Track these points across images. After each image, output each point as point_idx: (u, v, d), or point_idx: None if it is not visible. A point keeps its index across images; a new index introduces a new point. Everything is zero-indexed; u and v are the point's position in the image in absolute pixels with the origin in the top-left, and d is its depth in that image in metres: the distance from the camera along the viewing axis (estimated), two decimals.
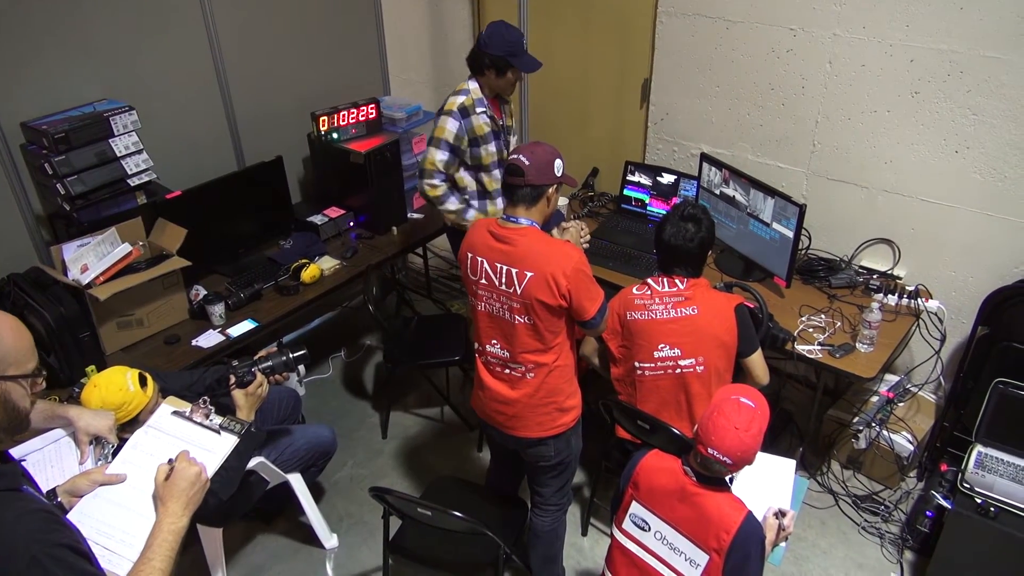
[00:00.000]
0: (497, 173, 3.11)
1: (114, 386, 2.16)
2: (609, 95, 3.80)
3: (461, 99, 2.98)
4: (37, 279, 2.79)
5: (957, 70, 2.76)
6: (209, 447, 1.79)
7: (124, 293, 2.80)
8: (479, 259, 2.28)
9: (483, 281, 2.28)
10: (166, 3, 3.16)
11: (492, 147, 3.04)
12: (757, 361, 2.52)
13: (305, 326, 4.26)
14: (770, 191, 3.00)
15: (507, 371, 2.37)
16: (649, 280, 2.53)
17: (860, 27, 2.91)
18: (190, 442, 1.79)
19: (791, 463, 2.33)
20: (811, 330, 2.90)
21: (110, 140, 2.92)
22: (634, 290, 2.54)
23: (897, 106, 2.95)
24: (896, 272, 3.16)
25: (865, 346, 2.77)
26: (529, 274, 2.19)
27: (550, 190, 2.25)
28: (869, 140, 3.06)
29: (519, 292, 2.22)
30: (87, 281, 2.77)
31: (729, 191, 3.19)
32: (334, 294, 3.44)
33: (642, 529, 2.05)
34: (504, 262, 2.22)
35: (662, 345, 2.47)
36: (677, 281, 2.48)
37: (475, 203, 3.15)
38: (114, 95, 3.04)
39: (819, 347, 2.80)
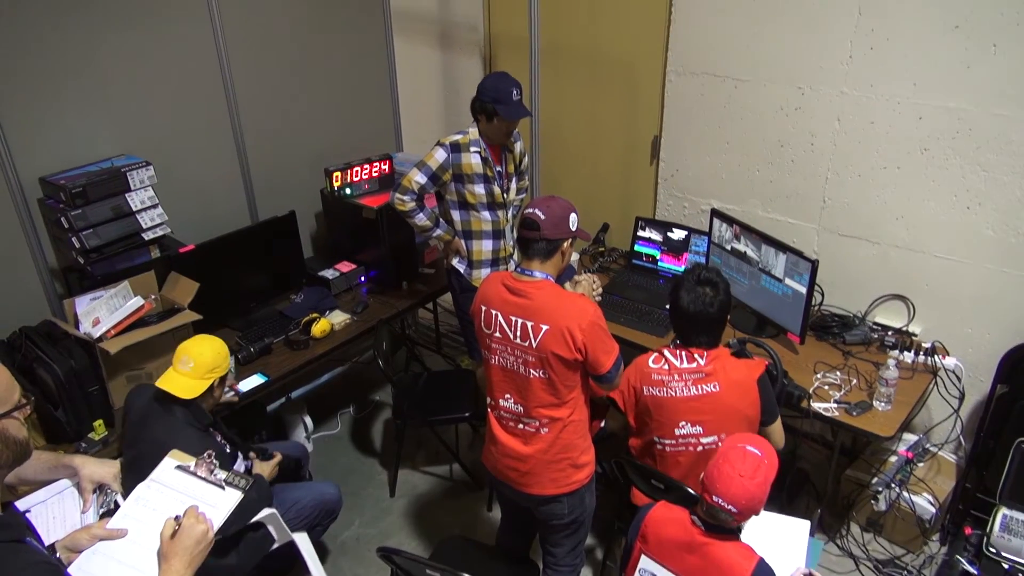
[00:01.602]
0: (486, 215, 3.15)
1: (219, 343, 2.48)
2: (619, 151, 3.84)
3: (457, 137, 3.07)
4: (49, 332, 2.79)
5: (966, 127, 2.78)
6: (213, 502, 1.75)
7: (134, 347, 2.79)
8: (493, 312, 2.27)
9: (497, 334, 2.27)
10: (186, 62, 3.23)
11: (479, 188, 3.09)
12: (777, 428, 2.47)
13: (314, 381, 4.24)
14: (782, 246, 2.99)
15: (520, 426, 2.33)
16: (666, 352, 2.44)
17: (868, 85, 2.94)
18: (194, 497, 1.76)
19: (805, 524, 2.27)
20: (827, 387, 2.85)
21: (126, 194, 2.95)
22: (650, 362, 2.45)
23: (907, 162, 2.96)
24: (911, 329, 3.12)
25: (882, 404, 2.72)
26: (545, 327, 2.18)
27: (565, 244, 2.26)
28: (880, 196, 3.06)
29: (534, 345, 2.20)
30: (98, 335, 2.76)
31: (740, 247, 3.19)
32: (344, 348, 3.43)
33: None
34: (519, 315, 2.21)
35: (683, 423, 2.41)
36: (696, 356, 2.39)
37: (462, 242, 3.22)
38: (132, 151, 3.09)
39: (835, 405, 2.75)
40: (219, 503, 1.76)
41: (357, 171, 3.62)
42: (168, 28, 3.14)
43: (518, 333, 2.22)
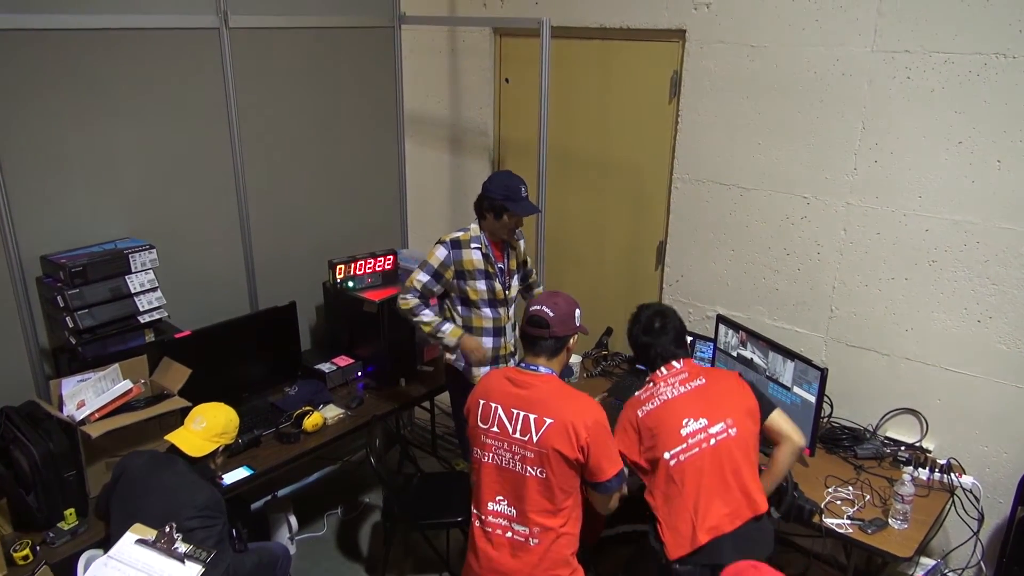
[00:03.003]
0: (487, 311, 3.10)
1: (232, 413, 2.58)
2: (624, 255, 3.84)
3: (458, 234, 3.06)
4: (31, 413, 2.68)
5: (973, 240, 2.77)
6: None
7: (118, 432, 2.69)
8: (493, 405, 2.21)
9: (495, 429, 2.19)
10: (199, 150, 3.28)
11: (480, 285, 3.05)
12: (780, 419, 2.41)
13: (303, 480, 4.07)
14: (790, 354, 2.93)
15: (509, 534, 2.21)
16: (647, 380, 2.48)
17: (873, 197, 2.96)
18: (152, 572, 1.63)
19: None
20: (839, 502, 2.72)
21: (126, 276, 2.93)
22: (637, 393, 2.48)
23: (914, 273, 2.94)
24: (925, 444, 3.01)
25: (899, 522, 2.58)
26: (548, 421, 2.11)
27: (571, 340, 2.27)
28: (888, 307, 3.03)
29: (535, 440, 2.13)
30: (81, 417, 2.67)
31: (747, 353, 3.12)
32: (335, 446, 3.32)
33: None
34: (521, 407, 2.15)
35: (686, 420, 2.31)
36: (674, 363, 2.44)
37: (480, 340, 3.15)
38: (137, 233, 3.09)
39: (849, 521, 2.61)
40: None
41: (361, 265, 3.61)
42: (184, 117, 3.20)
43: (518, 427, 2.15)
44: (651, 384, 2.44)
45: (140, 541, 1.73)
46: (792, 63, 3.05)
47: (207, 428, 2.50)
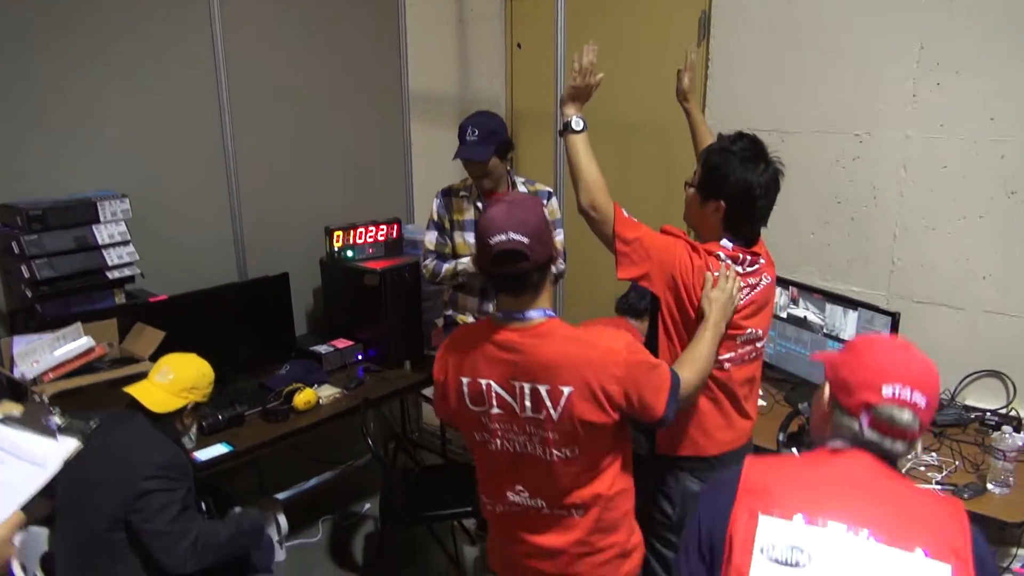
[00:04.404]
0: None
1: (206, 365, 2.27)
2: (654, 225, 3.47)
3: (454, 183, 2.82)
4: None
5: None
6: (40, 459, 1.25)
7: (74, 394, 2.33)
8: (482, 382, 1.65)
9: (496, 410, 1.65)
10: (184, 104, 3.01)
11: (470, 237, 2.76)
12: None
13: (299, 486, 3.65)
14: (852, 303, 2.54)
15: (543, 513, 1.72)
16: (721, 256, 1.89)
17: (937, 125, 2.60)
18: (18, 454, 1.26)
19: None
20: (922, 468, 2.28)
21: (93, 226, 2.60)
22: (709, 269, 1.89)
23: (991, 210, 2.55)
24: (1016, 410, 2.57)
25: (998, 487, 2.14)
26: (567, 389, 1.58)
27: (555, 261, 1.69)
28: (961, 252, 2.63)
29: (555, 417, 1.59)
30: (32, 376, 2.31)
31: (799, 311, 2.73)
32: (335, 450, 2.93)
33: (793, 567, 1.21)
34: (523, 378, 1.61)
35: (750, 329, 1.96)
36: (755, 251, 1.97)
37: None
38: (111, 188, 2.78)
39: (939, 487, 2.17)
40: (48, 458, 1.24)
41: (361, 232, 3.27)
42: (170, 69, 2.94)
43: (527, 402, 1.61)
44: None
45: (6, 419, 1.37)
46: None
47: (174, 381, 2.17)
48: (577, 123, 1.98)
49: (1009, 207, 2.52)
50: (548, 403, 1.59)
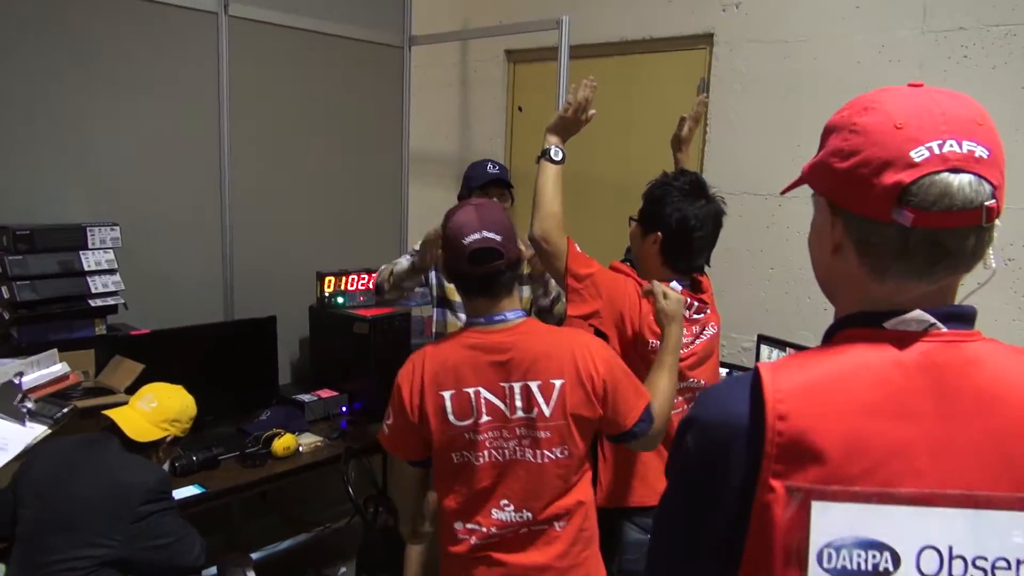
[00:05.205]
0: (463, 316, 2.67)
1: (190, 399, 2.22)
2: None
3: None
4: None
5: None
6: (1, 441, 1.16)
7: None
8: (469, 391, 1.62)
9: (486, 418, 1.62)
10: (182, 137, 3.01)
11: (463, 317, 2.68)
12: None
13: (273, 546, 3.45)
14: None
15: (523, 531, 1.67)
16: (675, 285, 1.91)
17: None
18: None
19: None
20: None
21: (80, 252, 2.55)
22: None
23: (987, 276, 2.54)
24: None
25: None
26: (558, 382, 1.59)
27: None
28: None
29: (547, 413, 1.59)
30: None
31: None
32: (313, 509, 2.77)
33: None
34: (514, 377, 1.61)
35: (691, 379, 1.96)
36: (697, 288, 1.99)
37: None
38: (105, 217, 2.73)
39: None
40: (8, 440, 1.15)
41: (353, 279, 3.22)
42: (169, 101, 2.95)
43: (520, 402, 1.60)
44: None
45: None
46: (832, 55, 2.82)
47: (157, 410, 2.11)
48: (556, 153, 2.00)
49: (1003, 274, 2.52)
50: (540, 399, 1.60)
